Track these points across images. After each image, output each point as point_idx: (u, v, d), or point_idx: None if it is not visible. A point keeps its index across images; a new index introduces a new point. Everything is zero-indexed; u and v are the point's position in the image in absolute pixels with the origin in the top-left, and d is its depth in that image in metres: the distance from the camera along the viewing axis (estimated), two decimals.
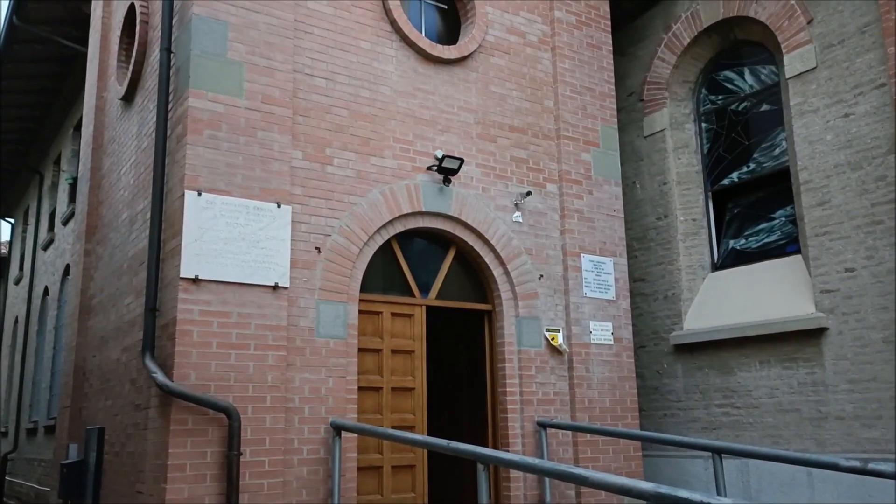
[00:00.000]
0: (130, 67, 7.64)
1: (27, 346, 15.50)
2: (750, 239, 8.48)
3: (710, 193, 8.88)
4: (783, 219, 8.17)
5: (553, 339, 7.59)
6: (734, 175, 8.67)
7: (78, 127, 12.67)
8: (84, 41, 10.49)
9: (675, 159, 9.00)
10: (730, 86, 8.83)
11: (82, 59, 10.93)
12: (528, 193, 7.73)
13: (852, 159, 7.14)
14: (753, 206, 8.53)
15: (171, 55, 6.41)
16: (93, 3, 9.61)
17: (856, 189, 7.09)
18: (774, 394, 7.62)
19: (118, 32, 8.38)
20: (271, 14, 6.49)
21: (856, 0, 7.22)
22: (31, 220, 16.49)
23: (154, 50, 7.11)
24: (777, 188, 8.20)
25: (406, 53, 7.35)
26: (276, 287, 6.06)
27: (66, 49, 11.34)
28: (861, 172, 7.06)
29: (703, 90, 9.11)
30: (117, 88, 8.18)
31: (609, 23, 8.85)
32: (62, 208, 13.24)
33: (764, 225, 8.36)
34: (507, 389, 7.32)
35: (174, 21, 6.50)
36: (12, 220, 19.83)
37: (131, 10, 7.88)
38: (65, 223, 12.56)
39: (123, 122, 8.01)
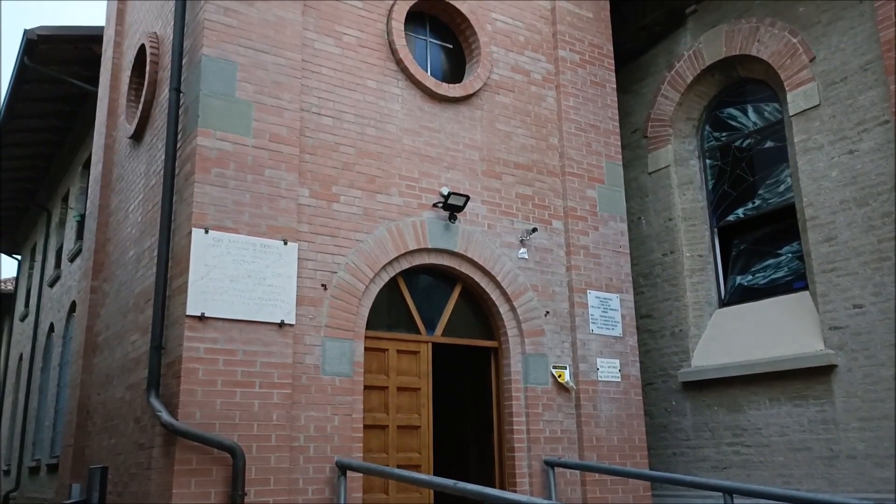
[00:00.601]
0: (140, 107, 7.73)
1: (31, 383, 15.44)
2: (757, 275, 8.46)
3: (716, 229, 8.88)
4: (790, 255, 8.15)
5: (560, 376, 7.53)
6: (739, 211, 8.68)
7: (87, 165, 12.80)
8: (94, 81, 10.64)
9: (681, 195, 9.02)
10: (733, 123, 8.89)
11: (92, 98, 11.07)
12: (534, 230, 7.75)
13: (858, 196, 7.15)
14: (760, 242, 8.52)
15: (181, 95, 6.49)
16: (104, 44, 9.76)
17: (862, 225, 7.09)
18: (785, 432, 7.52)
19: (128, 73, 8.50)
20: (279, 54, 6.58)
21: (857, 38, 7.29)
22: (38, 257, 16.56)
23: (164, 89, 7.20)
24: (783, 224, 8.20)
25: (412, 92, 7.43)
26: (282, 324, 6.04)
27: (76, 88, 11.51)
28: (867, 209, 7.06)
29: (707, 127, 9.17)
30: (126, 127, 8.27)
31: (612, 61, 8.95)
32: (69, 245, 13.30)
33: (771, 261, 8.35)
34: (514, 428, 7.25)
35: (184, 61, 6.59)
36: (19, 257, 19.93)
37: (142, 50, 8.00)
38: (71, 260, 12.61)
39: (132, 160, 8.08)
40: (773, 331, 7.82)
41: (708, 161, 9.10)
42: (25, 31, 10.46)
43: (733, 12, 8.57)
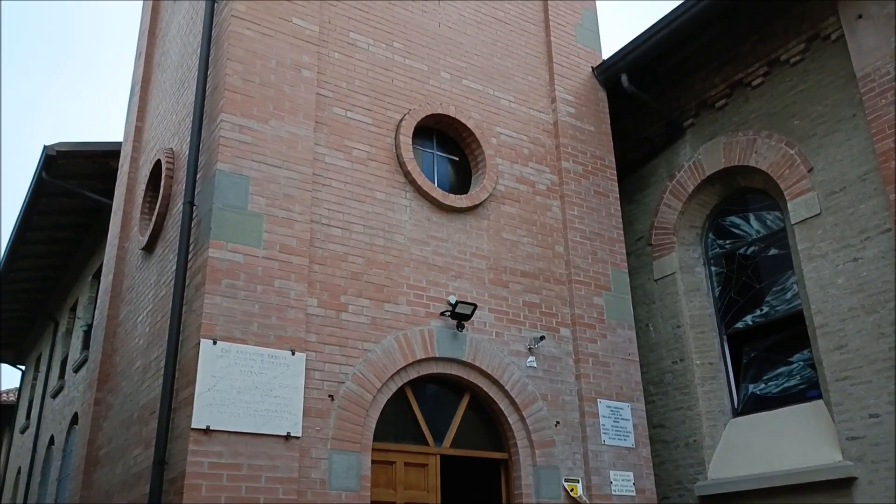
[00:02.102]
0: (153, 219, 7.90)
1: (28, 498, 15.01)
2: (769, 383, 8.34)
3: (725, 337, 8.82)
4: (801, 363, 8.06)
5: (572, 490, 7.30)
6: (748, 318, 8.65)
7: (97, 275, 12.93)
8: (109, 194, 10.90)
9: (688, 302, 9.03)
10: (736, 231, 9.01)
11: (106, 210, 11.32)
12: (542, 338, 7.72)
13: (865, 303, 7.14)
14: (770, 349, 8.45)
15: (194, 208, 6.64)
16: (121, 159, 10.08)
17: (872, 333, 7.04)
18: None
19: (143, 186, 8.74)
20: (291, 169, 6.78)
21: (853, 150, 7.49)
22: (42, 368, 16.47)
23: (177, 203, 7.38)
24: (793, 331, 8.15)
25: (420, 203, 7.59)
26: (288, 437, 5.94)
27: (91, 202, 11.79)
28: (876, 316, 7.04)
29: (711, 235, 9.28)
30: (139, 239, 8.41)
31: (615, 172, 9.17)
32: (75, 355, 13.26)
33: (783, 369, 8.25)
34: None
35: (198, 176, 6.79)
36: (23, 368, 19.81)
37: (157, 165, 8.25)
38: (76, 370, 12.53)
39: (143, 271, 8.18)
40: (790, 442, 7.63)
41: (713, 268, 9.16)
42: (45, 148, 10.82)
43: (730, 125, 8.85)
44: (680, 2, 8.46)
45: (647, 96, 9.27)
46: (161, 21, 10.07)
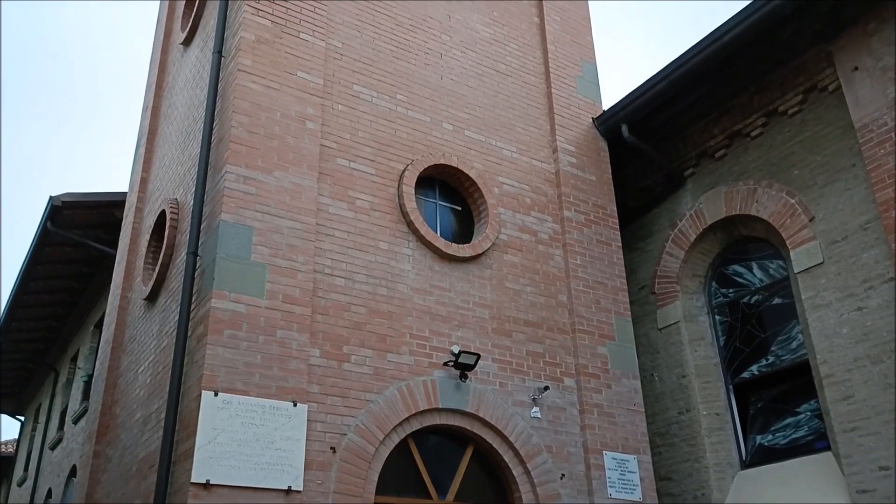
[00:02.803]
0: (156, 269, 7.92)
1: None
2: (777, 434, 8.22)
3: (731, 387, 8.74)
4: (809, 413, 7.97)
5: None
6: (753, 368, 8.58)
7: (99, 325, 12.90)
8: (113, 244, 10.95)
9: (692, 352, 8.96)
10: (740, 279, 8.99)
11: (110, 260, 11.35)
12: (546, 388, 7.65)
13: (871, 353, 7.09)
14: (777, 399, 8.36)
15: (197, 258, 6.66)
16: (125, 209, 10.16)
17: (879, 383, 6.97)
18: None
19: (147, 237, 8.78)
20: (295, 219, 6.82)
21: (854, 199, 7.52)
22: (42, 419, 16.31)
23: (181, 253, 7.40)
24: (799, 381, 8.07)
25: (422, 252, 7.61)
26: (289, 490, 5.85)
27: (95, 251, 11.83)
28: (882, 366, 6.98)
29: (714, 283, 9.26)
30: (142, 289, 8.42)
31: (616, 220, 9.21)
32: (74, 406, 13.14)
33: (790, 420, 8.14)
34: None
35: (202, 226, 6.82)
36: (22, 419, 19.63)
37: (162, 215, 8.31)
38: (75, 422, 12.41)
39: (145, 321, 8.16)
40: (800, 495, 7.49)
41: (717, 317, 9.12)
42: (51, 198, 10.91)
43: (730, 175, 8.91)
44: (678, 54, 8.62)
45: (647, 146, 9.36)
46: (168, 75, 10.26)
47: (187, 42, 9.49)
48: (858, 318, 7.25)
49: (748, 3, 7.90)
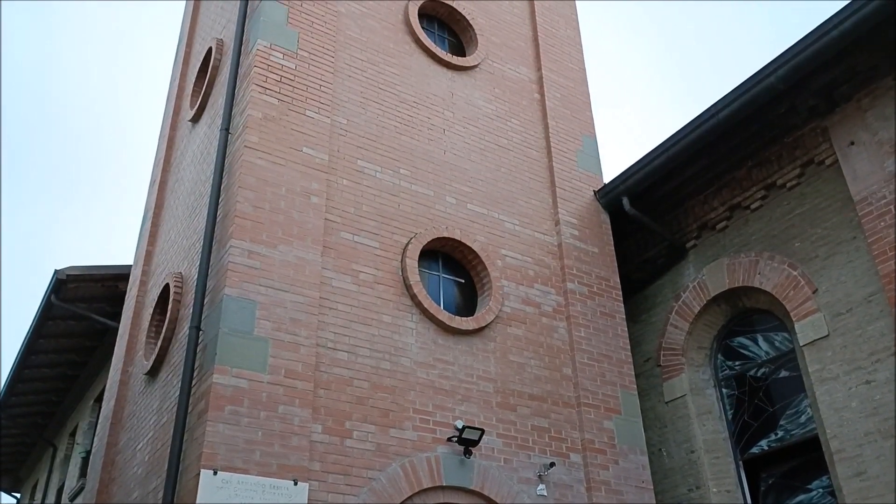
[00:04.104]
0: (158, 343, 7.89)
1: None
2: None
3: (741, 462, 8.55)
4: (821, 490, 7.77)
5: None
6: (763, 443, 8.42)
7: (99, 399, 12.78)
8: (116, 316, 10.95)
9: (700, 426, 8.81)
10: (745, 352, 8.92)
11: (112, 333, 11.33)
12: (552, 464, 7.50)
13: (882, 427, 6.96)
14: (788, 476, 8.17)
15: (200, 332, 6.65)
16: (130, 282, 10.19)
17: (891, 459, 6.83)
18: None
19: (150, 310, 8.78)
20: (298, 293, 6.83)
21: (856, 271, 7.53)
22: (38, 496, 15.98)
23: (183, 327, 7.39)
24: (810, 457, 7.91)
25: (426, 325, 7.58)
26: None
27: (98, 324, 11.81)
28: (892, 441, 6.84)
29: (720, 356, 9.18)
30: (143, 363, 8.37)
31: (620, 292, 9.20)
32: (71, 483, 12.90)
33: (802, 497, 7.94)
34: None
35: (206, 300, 6.83)
36: (18, 495, 19.23)
37: (165, 289, 8.33)
38: (72, 499, 12.15)
39: (145, 397, 8.08)
40: None
41: (725, 390, 9.00)
42: (56, 272, 10.96)
43: (732, 246, 8.95)
44: (677, 129, 8.78)
45: (648, 219, 9.44)
46: (176, 150, 10.45)
47: (196, 119, 9.71)
48: (867, 391, 7.16)
49: (744, 79, 8.10)
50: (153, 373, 8.01)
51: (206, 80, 9.47)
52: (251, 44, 8.09)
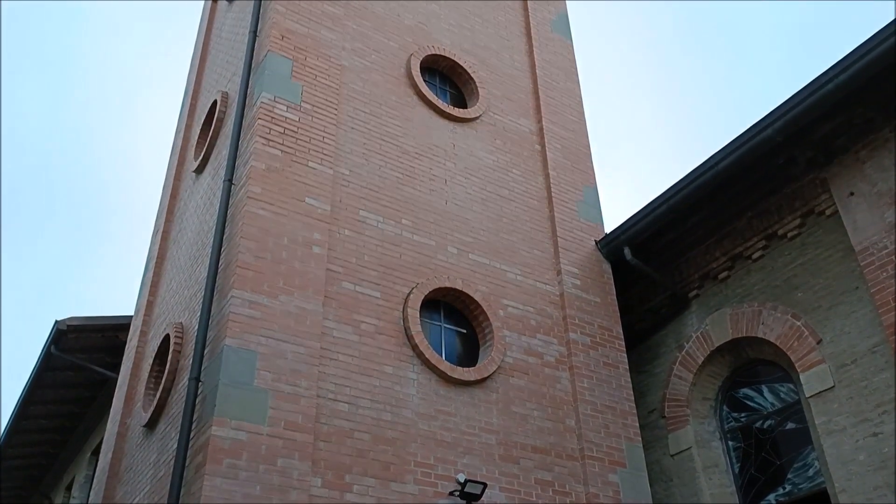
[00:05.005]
0: (157, 395, 7.82)
1: None
2: None
3: None
4: None
5: None
6: (771, 497, 8.26)
7: (96, 452, 12.61)
8: (116, 367, 10.88)
9: (707, 479, 8.66)
10: (751, 403, 8.82)
11: (111, 384, 11.25)
12: None
13: (891, 481, 6.84)
14: None
15: (199, 384, 6.59)
16: (130, 333, 10.15)
17: None
18: None
19: (150, 361, 8.72)
20: (299, 343, 6.79)
21: (860, 322, 7.49)
22: None
23: (183, 378, 7.33)
24: None
25: (427, 376, 7.52)
26: None
27: (97, 375, 11.73)
28: None
29: (725, 407, 9.07)
30: (142, 415, 8.28)
31: (623, 342, 9.15)
32: None
33: None
34: None
35: (206, 351, 6.79)
36: None
37: (166, 339, 8.29)
38: None
39: (143, 449, 7.98)
40: None
41: (731, 442, 8.87)
42: (56, 322, 10.93)
43: (734, 297, 8.92)
44: (677, 179, 8.85)
45: (650, 269, 9.43)
46: (180, 201, 10.53)
47: (200, 170, 9.80)
48: (874, 444, 7.05)
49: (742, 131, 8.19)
50: (151, 425, 7.92)
51: (210, 132, 9.59)
52: (255, 96, 8.21)
